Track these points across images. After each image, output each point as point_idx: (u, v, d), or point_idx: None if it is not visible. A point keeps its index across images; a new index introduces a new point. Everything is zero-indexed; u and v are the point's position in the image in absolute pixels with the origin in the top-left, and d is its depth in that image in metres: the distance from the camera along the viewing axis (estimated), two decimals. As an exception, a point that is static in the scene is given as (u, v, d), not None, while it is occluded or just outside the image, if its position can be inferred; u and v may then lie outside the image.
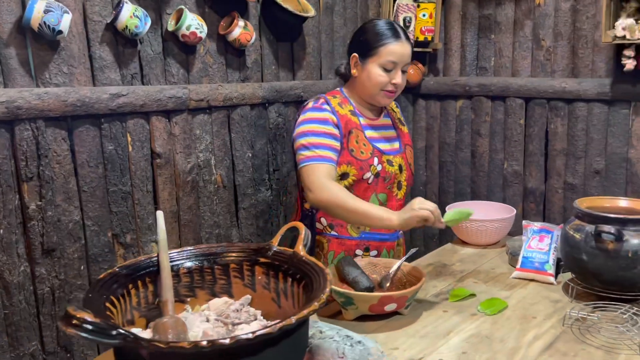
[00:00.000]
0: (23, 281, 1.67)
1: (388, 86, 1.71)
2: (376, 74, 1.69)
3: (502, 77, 2.70)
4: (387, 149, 1.80)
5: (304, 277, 1.10)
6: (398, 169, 1.79)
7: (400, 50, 1.69)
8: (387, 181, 1.76)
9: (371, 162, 1.73)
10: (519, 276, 1.70)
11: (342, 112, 1.73)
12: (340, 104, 1.76)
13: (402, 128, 1.91)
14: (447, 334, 1.37)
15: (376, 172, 1.73)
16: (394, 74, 1.70)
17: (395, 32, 1.71)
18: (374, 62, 1.70)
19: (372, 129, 1.80)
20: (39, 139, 1.65)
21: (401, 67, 1.71)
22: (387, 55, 1.68)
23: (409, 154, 1.87)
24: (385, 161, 1.76)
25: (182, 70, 2.00)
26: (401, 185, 1.82)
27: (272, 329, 0.85)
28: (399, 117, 1.94)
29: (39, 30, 1.56)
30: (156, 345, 0.81)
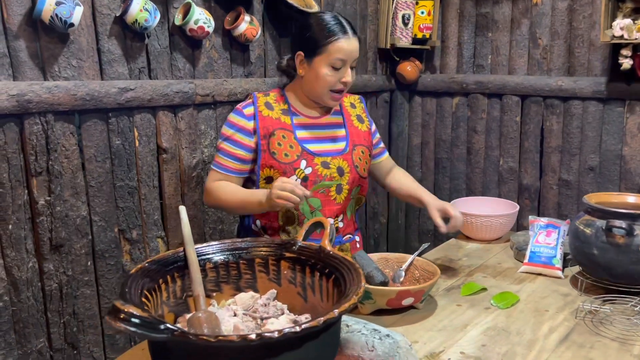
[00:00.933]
0: (31, 277, 1.64)
1: (337, 85, 1.60)
2: (324, 74, 1.57)
3: (499, 74, 2.75)
4: (323, 150, 1.66)
5: (334, 271, 1.10)
6: (336, 171, 1.65)
7: (349, 47, 1.57)
8: (318, 185, 1.63)
9: (297, 165, 1.60)
10: (526, 270, 1.73)
11: (266, 114, 1.62)
12: (270, 104, 1.65)
13: (358, 126, 1.75)
14: (464, 327, 1.39)
15: (303, 176, 1.61)
16: (343, 71, 1.59)
17: (343, 28, 1.58)
18: (321, 61, 1.57)
19: (307, 129, 1.66)
20: (49, 133, 1.63)
21: (350, 63, 1.60)
22: (336, 53, 1.56)
23: (357, 154, 1.70)
24: (318, 163, 1.63)
25: (188, 64, 1.98)
26: (341, 189, 1.67)
27: (317, 322, 0.85)
28: (359, 114, 1.79)
29: (50, 22, 1.53)
30: (205, 340, 0.81)
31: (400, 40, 2.77)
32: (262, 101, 1.65)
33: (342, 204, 1.69)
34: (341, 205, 1.69)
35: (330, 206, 1.66)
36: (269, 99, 1.66)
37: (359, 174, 1.70)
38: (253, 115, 1.62)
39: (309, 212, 1.64)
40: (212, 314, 1.04)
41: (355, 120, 1.76)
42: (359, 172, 1.70)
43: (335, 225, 1.67)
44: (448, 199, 2.93)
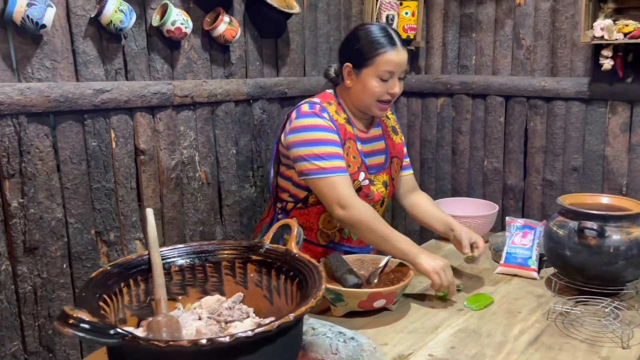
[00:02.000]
0: (4, 280, 1.63)
1: (384, 96, 1.62)
2: (372, 86, 1.60)
3: (483, 75, 2.75)
4: (373, 164, 1.72)
5: (298, 274, 1.10)
6: (382, 185, 1.71)
7: (397, 59, 1.59)
8: (370, 198, 1.69)
9: (356, 177, 1.65)
10: (502, 271, 1.73)
11: (340, 121, 1.66)
12: (337, 112, 1.67)
13: (393, 138, 1.81)
14: (436, 329, 1.39)
15: (359, 187, 1.66)
16: (391, 83, 1.61)
17: (391, 40, 1.60)
18: (369, 73, 1.60)
19: (363, 142, 1.73)
20: (21, 135, 1.62)
21: (398, 75, 1.63)
22: (384, 65, 1.58)
23: (394, 167, 1.77)
24: (370, 177, 1.70)
25: (166, 65, 1.98)
26: (383, 202, 1.73)
27: (270, 327, 0.85)
28: (393, 125, 1.85)
29: (21, 24, 1.52)
30: (155, 345, 0.81)
31: (384, 41, 2.76)
32: (330, 108, 1.66)
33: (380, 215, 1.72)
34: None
35: None
36: (332, 109, 1.66)
37: (394, 186, 1.77)
38: (330, 119, 1.63)
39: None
40: (172, 317, 1.04)
41: (391, 132, 1.81)
42: (394, 185, 1.77)
43: None
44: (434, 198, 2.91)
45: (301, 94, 2.49)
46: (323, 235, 1.72)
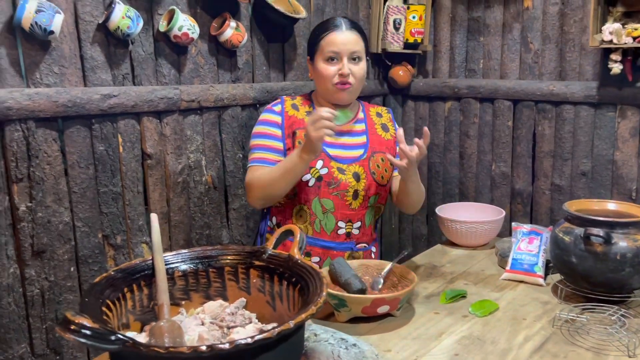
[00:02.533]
0: (12, 283, 1.65)
1: (335, 78, 1.65)
2: (322, 68, 1.66)
3: (491, 79, 2.73)
4: (342, 155, 1.71)
5: (300, 280, 1.10)
6: (352, 176, 1.69)
7: (339, 39, 1.64)
8: (332, 187, 1.68)
9: (313, 164, 1.66)
10: (508, 278, 1.72)
11: (292, 113, 1.72)
12: (296, 105, 1.75)
13: (381, 134, 1.80)
14: (439, 336, 1.38)
15: (318, 176, 1.67)
16: (340, 64, 1.65)
17: (335, 22, 1.68)
18: (318, 59, 1.68)
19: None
20: (30, 140, 1.64)
21: (347, 55, 1.64)
22: (327, 46, 1.65)
23: (375, 161, 1.74)
24: (334, 167, 1.69)
25: (173, 70, 1.99)
26: (358, 195, 1.71)
27: (270, 334, 0.85)
28: (385, 123, 1.84)
29: (30, 30, 1.54)
30: (155, 351, 0.81)
31: (391, 45, 2.76)
32: (289, 103, 1.75)
33: (357, 210, 1.72)
34: (356, 211, 1.72)
35: (343, 210, 1.70)
36: (296, 102, 1.75)
37: (376, 180, 1.73)
38: (280, 112, 1.71)
39: (321, 212, 1.68)
40: (174, 323, 1.04)
41: (380, 129, 1.80)
42: (376, 179, 1.73)
43: (347, 231, 1.71)
44: (441, 202, 2.92)
45: (308, 98, 2.49)
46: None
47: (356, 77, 1.66)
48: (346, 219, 1.70)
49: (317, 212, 1.68)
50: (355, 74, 1.65)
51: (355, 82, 1.67)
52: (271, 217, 1.79)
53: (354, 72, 1.65)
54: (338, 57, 1.63)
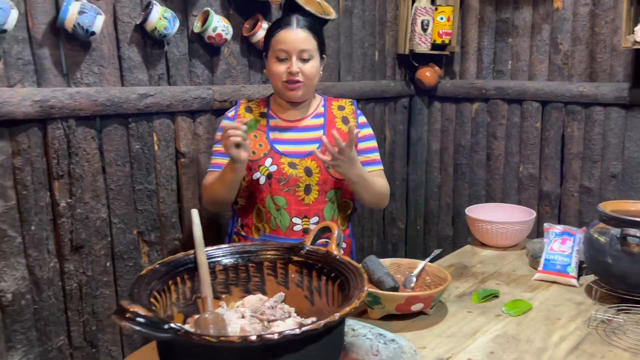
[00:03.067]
0: (52, 277, 1.70)
1: (284, 76, 1.62)
2: (272, 66, 1.63)
3: (519, 80, 2.73)
4: (294, 151, 1.68)
5: (339, 275, 1.12)
6: (304, 171, 1.66)
7: (289, 37, 1.60)
8: (282, 183, 1.65)
9: (261, 163, 1.65)
10: (540, 278, 1.71)
11: (244, 115, 1.71)
12: (251, 108, 1.73)
13: (341, 128, 1.73)
14: (474, 334, 1.39)
15: (268, 173, 1.65)
16: (289, 61, 1.61)
17: (286, 20, 1.63)
18: (270, 57, 1.65)
19: (282, 131, 1.70)
20: (70, 138, 1.68)
21: (296, 54, 1.60)
22: (277, 45, 1.61)
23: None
24: (284, 163, 1.66)
25: (206, 71, 2.02)
26: (310, 189, 1.67)
27: (317, 325, 0.87)
28: (346, 116, 1.77)
29: (72, 31, 1.59)
30: (206, 340, 0.83)
31: (419, 46, 2.77)
32: (244, 106, 1.74)
33: (312, 205, 1.68)
34: (310, 206, 1.68)
35: (297, 206, 1.67)
36: (251, 104, 1.75)
37: (332, 175, 1.68)
38: (233, 117, 1.72)
39: (274, 209, 1.67)
40: (218, 315, 1.07)
41: (340, 122, 1.75)
42: (331, 173, 1.68)
43: (304, 227, 1.68)
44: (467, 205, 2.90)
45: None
46: (256, 229, 1.72)
47: (306, 75, 1.62)
48: (301, 214, 1.67)
49: (271, 209, 1.66)
50: (305, 72, 1.62)
51: (305, 80, 1.63)
52: (237, 218, 1.78)
53: (304, 70, 1.61)
54: (288, 56, 1.61)
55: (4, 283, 1.60)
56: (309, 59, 1.62)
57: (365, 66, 2.71)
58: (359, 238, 2.82)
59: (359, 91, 2.64)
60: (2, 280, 1.60)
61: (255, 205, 1.70)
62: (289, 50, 1.60)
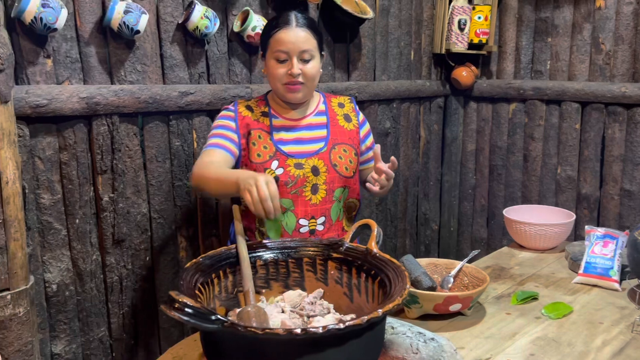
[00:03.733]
0: (95, 269, 1.74)
1: (284, 78, 1.56)
2: (271, 67, 1.57)
3: (558, 80, 2.68)
4: (299, 151, 1.63)
5: (379, 273, 1.12)
6: (310, 171, 1.61)
7: (288, 38, 1.53)
8: (290, 186, 1.59)
9: (267, 166, 1.58)
10: (581, 281, 1.68)
11: (246, 114, 1.64)
12: (251, 107, 1.66)
13: (344, 125, 1.71)
14: (513, 336, 1.37)
15: (274, 176, 1.57)
16: (289, 64, 1.54)
17: (286, 19, 1.55)
18: (269, 57, 1.58)
19: (286, 131, 1.65)
20: (114, 134, 1.72)
21: (296, 55, 1.54)
22: (276, 45, 1.54)
23: (337, 153, 1.65)
24: (290, 165, 1.60)
25: (245, 70, 2.05)
26: (317, 189, 1.62)
27: (361, 320, 0.87)
28: (347, 113, 1.74)
29: (118, 30, 1.63)
30: (252, 332, 0.85)
31: (455, 46, 2.75)
32: (243, 105, 1.67)
33: (319, 205, 1.63)
34: (318, 206, 1.63)
35: (304, 207, 1.61)
36: (250, 103, 1.68)
37: (339, 173, 1.63)
38: (234, 111, 1.64)
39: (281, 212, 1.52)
40: (260, 309, 1.08)
41: (342, 120, 1.71)
42: (339, 171, 1.63)
43: (311, 228, 1.63)
44: (503, 207, 2.88)
45: (371, 98, 2.52)
46: (260, 233, 1.66)
47: (307, 76, 1.57)
48: (308, 215, 1.61)
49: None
50: (306, 73, 1.56)
51: (307, 81, 1.58)
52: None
53: (305, 71, 1.56)
54: (288, 57, 1.54)
55: (50, 274, 1.65)
56: (310, 59, 1.56)
57: (400, 65, 2.70)
58: (391, 238, 2.82)
59: (394, 90, 2.63)
60: (47, 272, 1.65)
61: None
62: (290, 51, 1.54)
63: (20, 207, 1.50)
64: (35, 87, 1.54)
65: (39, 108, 1.54)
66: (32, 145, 1.59)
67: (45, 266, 1.65)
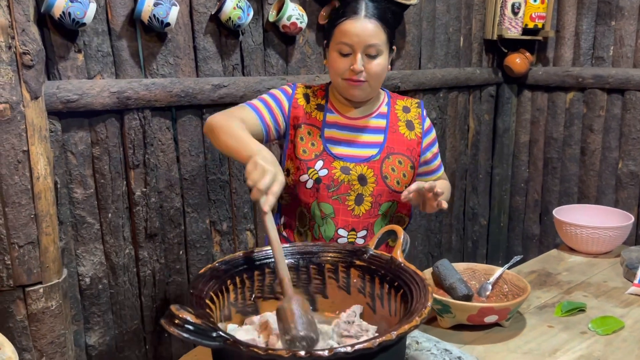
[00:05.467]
0: (128, 263, 1.75)
1: (346, 73, 1.41)
2: (333, 60, 1.42)
3: (622, 67, 2.47)
4: (349, 154, 1.48)
5: (402, 285, 1.05)
6: (357, 179, 1.46)
7: (354, 30, 1.37)
8: (332, 190, 1.45)
9: (311, 165, 1.45)
10: (636, 292, 1.54)
11: (301, 102, 1.50)
12: (308, 96, 1.51)
13: (404, 133, 1.53)
14: (554, 353, 1.26)
15: (316, 177, 1.45)
16: (352, 58, 1.39)
17: (354, 8, 1.39)
18: (332, 48, 1.43)
19: (339, 129, 1.50)
20: (146, 128, 1.71)
21: (361, 49, 1.38)
22: (340, 37, 1.39)
23: (390, 164, 1.49)
24: (336, 167, 1.46)
25: (281, 61, 1.99)
26: (362, 200, 1.47)
27: (371, 344, 0.81)
28: (411, 120, 1.55)
29: (149, 22, 1.61)
30: (255, 351, 0.80)
31: (508, 31, 2.58)
32: (301, 92, 1.52)
33: (362, 218, 1.48)
34: (360, 218, 1.48)
35: (345, 216, 1.48)
36: (309, 92, 1.53)
37: (389, 186, 1.47)
38: (290, 95, 1.50)
39: (320, 217, 1.48)
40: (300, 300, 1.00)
41: (403, 127, 1.54)
42: (389, 184, 1.47)
43: (350, 240, 1.49)
44: (557, 203, 2.72)
45: (415, 88, 2.41)
46: (298, 233, 1.54)
47: (371, 74, 1.41)
48: (349, 226, 1.48)
49: (316, 217, 1.47)
50: (370, 70, 1.40)
51: (370, 80, 1.42)
52: (281, 214, 1.59)
53: (369, 68, 1.40)
54: (352, 50, 1.39)
55: (83, 267, 1.67)
56: (377, 55, 1.40)
57: (448, 52, 2.56)
58: (436, 234, 2.71)
59: (440, 79, 2.50)
60: (81, 265, 1.67)
61: (298, 207, 1.51)
62: (354, 45, 1.38)
63: (52, 202, 1.52)
64: (66, 82, 1.55)
65: (70, 103, 1.54)
66: (65, 140, 1.60)
67: (78, 260, 1.67)
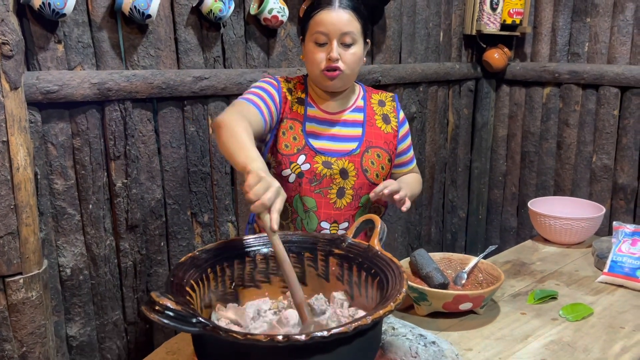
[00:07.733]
0: (109, 254, 1.76)
1: (322, 63, 1.42)
2: (309, 51, 1.44)
3: (597, 64, 2.53)
4: (330, 148, 1.50)
5: (379, 272, 1.08)
6: (339, 173, 1.48)
7: (330, 19, 1.39)
8: (314, 184, 1.48)
9: (294, 159, 1.47)
10: (605, 281, 1.59)
11: (288, 97, 1.51)
12: (290, 89, 1.52)
13: (381, 127, 1.56)
14: (525, 338, 1.31)
15: (299, 172, 1.47)
16: (329, 47, 1.41)
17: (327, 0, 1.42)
18: (307, 39, 1.45)
19: (319, 124, 1.52)
20: (127, 120, 1.72)
21: (337, 38, 1.40)
22: (316, 26, 1.41)
23: (370, 157, 1.52)
24: (318, 162, 1.48)
25: (262, 53, 2.01)
26: (344, 193, 1.50)
27: (346, 329, 0.84)
28: (387, 113, 1.59)
29: (129, 14, 1.61)
30: (234, 336, 0.82)
31: (487, 26, 2.63)
32: (284, 84, 1.53)
33: (343, 210, 1.51)
34: (342, 211, 1.51)
35: (327, 209, 1.50)
36: (290, 85, 1.54)
37: (369, 179, 1.51)
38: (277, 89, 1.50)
39: (303, 210, 1.50)
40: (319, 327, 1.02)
41: (380, 120, 1.57)
42: (369, 177, 1.51)
43: (332, 232, 1.51)
44: (534, 195, 2.77)
45: (395, 82, 2.44)
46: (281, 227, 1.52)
47: (347, 62, 1.43)
48: (331, 219, 1.50)
49: (299, 210, 1.50)
50: (345, 59, 1.42)
51: (346, 69, 1.43)
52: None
53: (345, 57, 1.42)
54: (328, 40, 1.41)
55: (64, 258, 1.67)
56: (352, 44, 1.43)
57: (428, 47, 2.60)
58: (415, 226, 2.75)
59: (420, 74, 2.54)
60: (61, 256, 1.67)
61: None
62: (329, 33, 1.41)
63: (32, 192, 1.52)
64: (46, 73, 1.54)
65: (50, 94, 1.54)
66: (45, 131, 1.60)
67: (59, 250, 1.67)
